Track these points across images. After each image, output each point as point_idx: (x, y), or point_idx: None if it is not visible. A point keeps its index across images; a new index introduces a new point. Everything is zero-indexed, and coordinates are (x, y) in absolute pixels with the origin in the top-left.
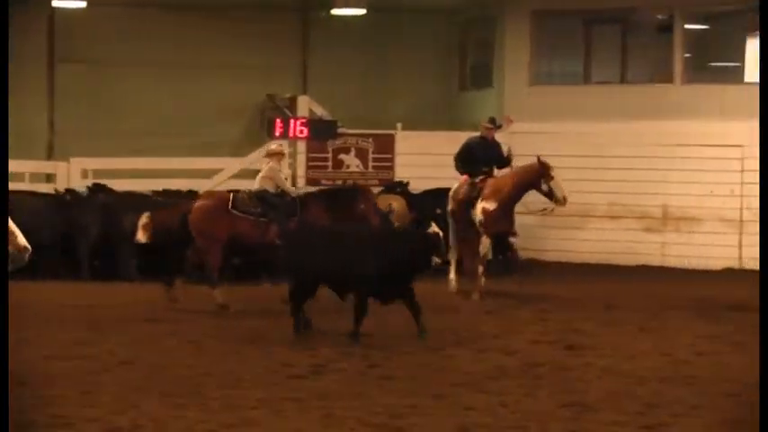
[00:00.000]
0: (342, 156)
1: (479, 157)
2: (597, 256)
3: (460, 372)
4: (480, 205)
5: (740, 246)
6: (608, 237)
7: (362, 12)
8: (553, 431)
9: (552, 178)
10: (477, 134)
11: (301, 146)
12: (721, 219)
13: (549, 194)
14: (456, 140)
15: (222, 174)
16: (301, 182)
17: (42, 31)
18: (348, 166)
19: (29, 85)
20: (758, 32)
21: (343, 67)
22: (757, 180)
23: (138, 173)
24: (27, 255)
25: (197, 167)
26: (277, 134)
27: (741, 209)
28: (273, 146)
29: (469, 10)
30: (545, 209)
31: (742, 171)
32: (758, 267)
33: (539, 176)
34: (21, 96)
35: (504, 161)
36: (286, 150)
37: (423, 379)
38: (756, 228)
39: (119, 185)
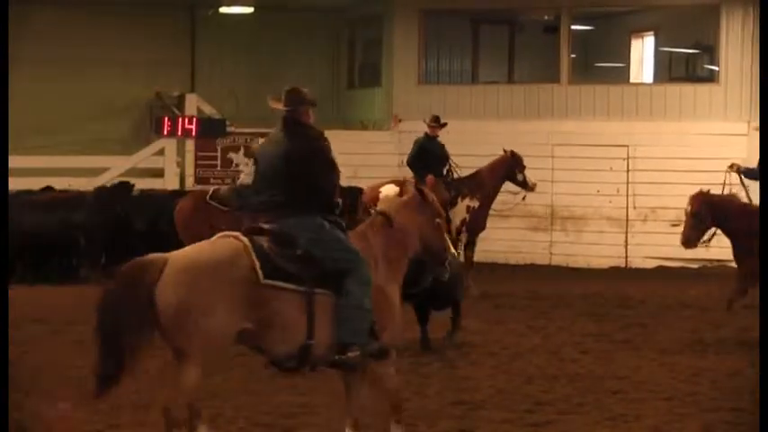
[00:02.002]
0: (231, 154)
1: (436, 156)
2: (485, 254)
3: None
4: (464, 204)
5: (626, 245)
6: (496, 236)
7: (250, 10)
8: (443, 429)
9: (525, 167)
10: (422, 134)
11: (190, 144)
12: (608, 218)
13: (524, 183)
14: (344, 138)
15: (110, 172)
16: (190, 180)
17: None
18: (237, 165)
19: None
20: (643, 34)
21: (232, 65)
22: (643, 180)
23: (23, 171)
24: None
25: (83, 166)
26: (165, 132)
27: (627, 208)
28: None
29: (358, 8)
30: (524, 197)
31: (628, 171)
32: (643, 266)
33: (514, 167)
34: None
35: (448, 159)
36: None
37: (316, 377)
38: (642, 227)
39: (23, 184)
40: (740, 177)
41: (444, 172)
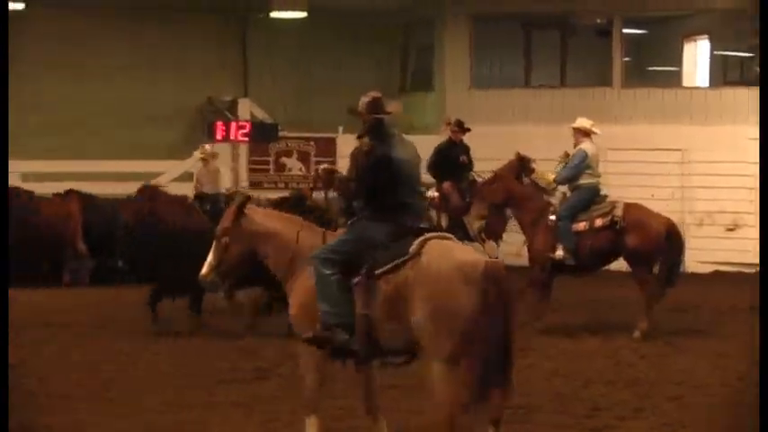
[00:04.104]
0: (284, 159)
1: (456, 162)
2: None
3: (406, 375)
4: (474, 210)
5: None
6: None
7: (303, 14)
8: None
9: (533, 171)
10: (444, 139)
11: (243, 149)
12: None
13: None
14: None
15: (163, 176)
16: (244, 185)
17: None
18: (290, 169)
19: None
20: (695, 38)
21: (284, 69)
22: (698, 185)
23: (77, 176)
24: None
25: (137, 170)
26: (218, 137)
27: (683, 212)
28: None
29: (409, 13)
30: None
31: (682, 175)
32: (698, 271)
33: (521, 170)
34: None
35: (473, 164)
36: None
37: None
38: (697, 231)
39: (59, 188)
40: None
41: (469, 177)
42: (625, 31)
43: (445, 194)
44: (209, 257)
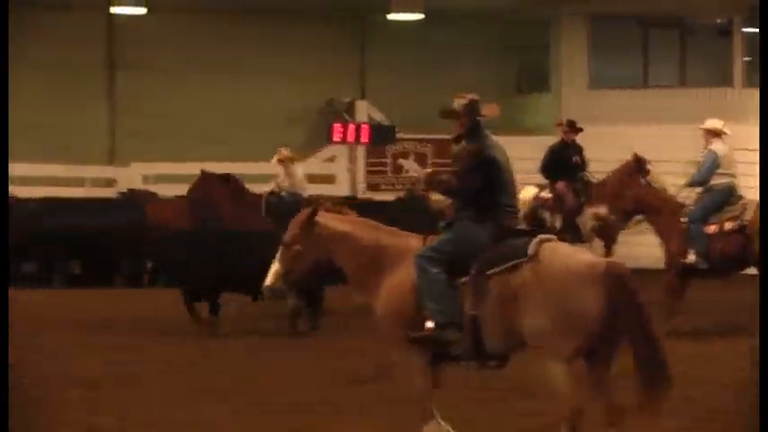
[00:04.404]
0: (401, 160)
1: (569, 162)
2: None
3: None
4: (590, 211)
5: None
6: None
7: (420, 16)
8: None
9: (649, 172)
10: (557, 139)
11: (360, 151)
12: None
13: None
14: (514, 145)
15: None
16: (361, 187)
17: (102, 38)
18: (407, 171)
19: (89, 92)
20: None
21: (402, 71)
22: None
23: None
24: None
25: (257, 172)
26: (336, 139)
27: None
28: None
29: (525, 13)
30: None
31: None
32: None
33: (636, 171)
34: (81, 103)
35: (587, 165)
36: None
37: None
38: None
39: (180, 190)
40: None
41: (582, 178)
42: (745, 30)
43: (559, 195)
44: (275, 266)
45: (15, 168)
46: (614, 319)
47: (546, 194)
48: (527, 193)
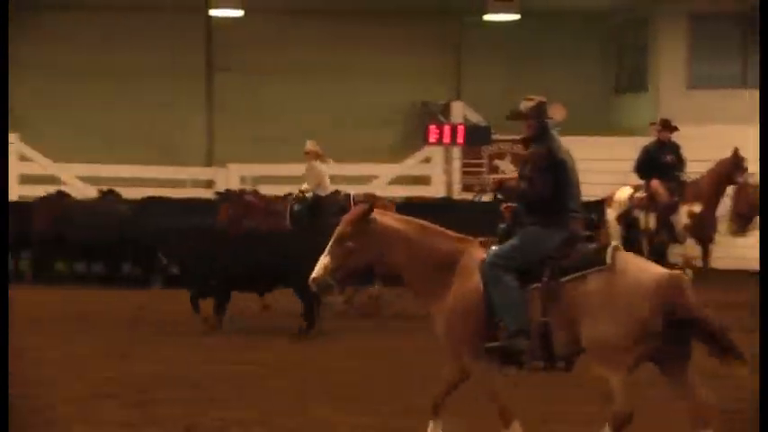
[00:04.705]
0: (497, 161)
1: (663, 162)
2: None
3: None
4: (685, 209)
5: None
6: None
7: (516, 17)
8: None
9: (745, 170)
10: (653, 139)
11: (456, 152)
12: None
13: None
14: (612, 145)
15: (378, 179)
16: (457, 188)
17: (200, 40)
18: (503, 172)
19: (188, 94)
20: None
21: (497, 71)
22: None
23: (295, 179)
24: None
25: (352, 174)
26: (432, 140)
27: None
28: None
29: (623, 13)
30: None
31: None
32: None
33: (733, 169)
34: (180, 105)
35: (684, 164)
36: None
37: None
38: None
39: (277, 191)
40: None
41: (678, 177)
42: None
43: (653, 194)
44: (324, 260)
45: (119, 170)
46: (675, 330)
47: (641, 194)
48: (622, 193)
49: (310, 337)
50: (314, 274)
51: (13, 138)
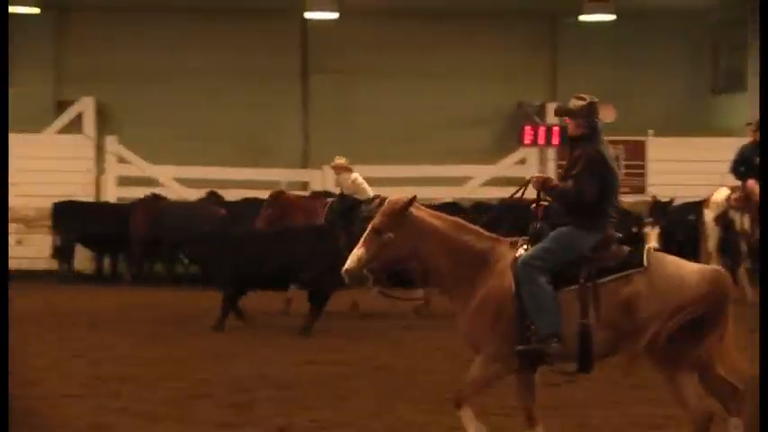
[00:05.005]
0: None
1: (758, 162)
2: None
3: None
4: None
5: None
6: None
7: (611, 17)
8: None
9: None
10: (749, 139)
11: (551, 153)
12: None
13: None
14: (709, 146)
15: (473, 181)
16: None
17: (296, 43)
18: None
19: (283, 96)
20: None
21: (593, 73)
22: None
23: (388, 181)
24: None
25: (448, 175)
26: (526, 142)
27: None
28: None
29: (720, 12)
30: None
31: None
32: None
33: None
34: (275, 107)
35: None
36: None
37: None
38: None
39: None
40: None
41: None
42: None
43: (748, 194)
44: (359, 251)
45: (215, 172)
46: (721, 328)
47: (737, 195)
48: (719, 194)
49: (396, 338)
50: (347, 266)
51: (110, 140)
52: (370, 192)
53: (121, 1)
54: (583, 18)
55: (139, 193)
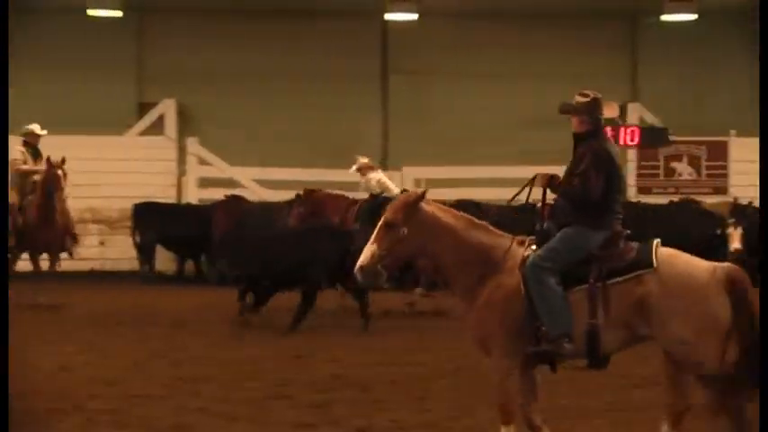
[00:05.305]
0: (674, 164)
1: None
2: None
3: None
4: None
5: None
6: None
7: (693, 17)
8: None
9: None
10: None
11: (631, 154)
12: None
13: None
14: None
15: None
16: (632, 191)
17: (375, 44)
18: (680, 174)
19: (363, 96)
20: None
21: (674, 72)
22: None
23: (469, 182)
24: None
25: (525, 176)
26: None
27: None
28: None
29: None
30: None
31: None
32: None
33: None
34: (355, 108)
35: None
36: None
37: None
38: None
39: (454, 194)
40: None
41: None
42: None
43: None
44: (372, 247)
45: (294, 173)
46: (739, 322)
47: None
48: None
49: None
50: (361, 262)
51: (191, 141)
52: (396, 190)
53: (203, 3)
54: (664, 18)
55: (220, 194)
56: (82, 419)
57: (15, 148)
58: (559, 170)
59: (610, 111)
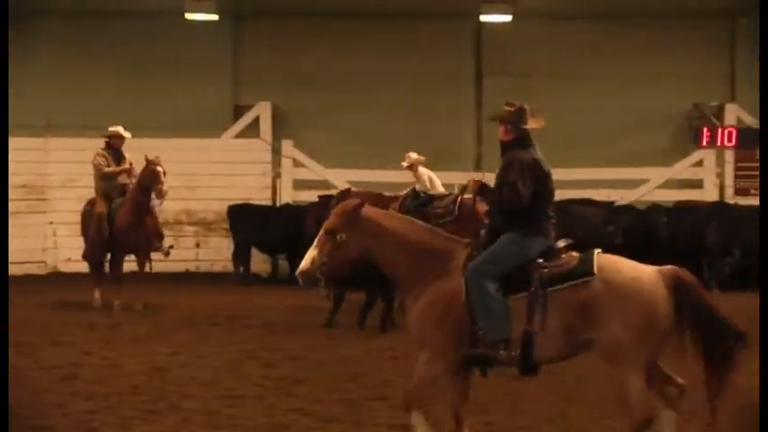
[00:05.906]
0: None
1: None
2: None
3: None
4: None
5: None
6: None
7: None
8: None
9: None
10: None
11: (729, 155)
12: None
13: None
14: None
15: (648, 184)
16: (729, 192)
17: (470, 45)
18: None
19: (458, 98)
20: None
21: None
22: None
23: (568, 184)
24: None
25: (622, 177)
26: (704, 143)
27: None
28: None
29: None
30: None
31: None
32: None
33: None
34: (449, 110)
35: None
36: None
37: None
38: None
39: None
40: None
41: None
42: None
43: None
44: (312, 252)
45: (389, 176)
46: (680, 320)
47: None
48: None
49: None
50: (301, 267)
51: (286, 144)
52: (442, 188)
53: (297, 6)
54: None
55: (314, 196)
56: (177, 419)
57: (97, 152)
58: (656, 171)
59: (535, 122)
